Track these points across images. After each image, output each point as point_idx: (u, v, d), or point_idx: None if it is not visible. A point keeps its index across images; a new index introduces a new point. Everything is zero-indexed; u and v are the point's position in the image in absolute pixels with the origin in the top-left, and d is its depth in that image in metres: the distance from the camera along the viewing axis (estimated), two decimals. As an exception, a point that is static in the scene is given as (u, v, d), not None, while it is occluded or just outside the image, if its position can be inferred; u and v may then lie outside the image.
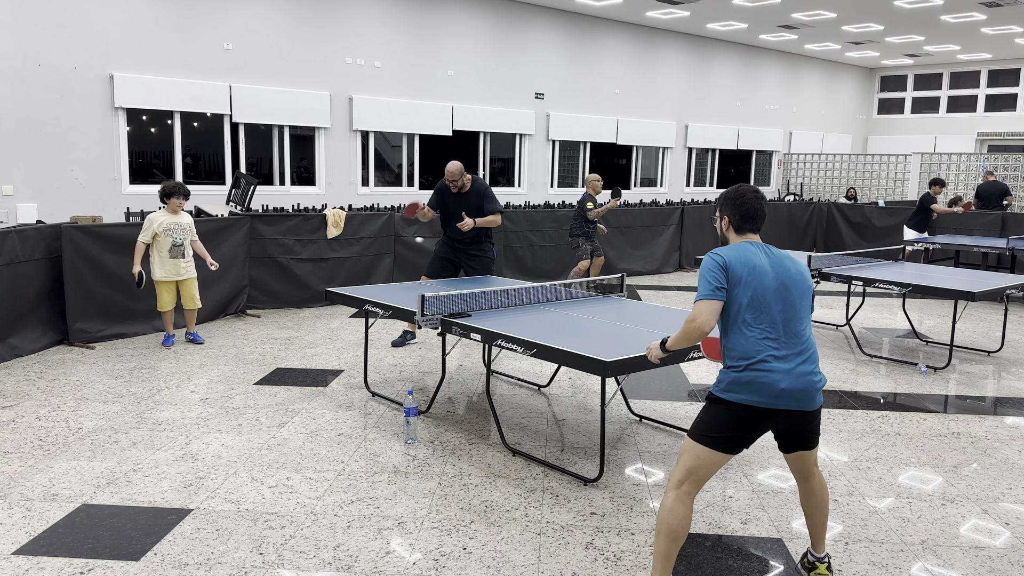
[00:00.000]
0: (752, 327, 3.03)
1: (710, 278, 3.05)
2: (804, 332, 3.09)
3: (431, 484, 4.27)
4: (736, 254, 3.10)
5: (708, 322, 3.02)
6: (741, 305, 3.04)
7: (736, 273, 3.06)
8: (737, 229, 3.25)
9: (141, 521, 3.79)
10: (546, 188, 15.64)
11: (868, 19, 15.73)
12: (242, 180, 9.44)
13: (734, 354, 3.05)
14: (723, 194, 3.31)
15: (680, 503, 3.04)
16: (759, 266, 3.08)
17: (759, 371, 2.98)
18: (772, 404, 2.98)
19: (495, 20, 14.33)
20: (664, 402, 5.86)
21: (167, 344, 7.18)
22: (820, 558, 3.34)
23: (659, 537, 3.05)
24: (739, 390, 3.00)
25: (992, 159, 16.68)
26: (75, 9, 10.06)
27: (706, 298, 3.04)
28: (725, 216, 3.27)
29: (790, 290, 3.10)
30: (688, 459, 3.06)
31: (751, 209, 3.22)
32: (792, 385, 2.98)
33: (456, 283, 6.30)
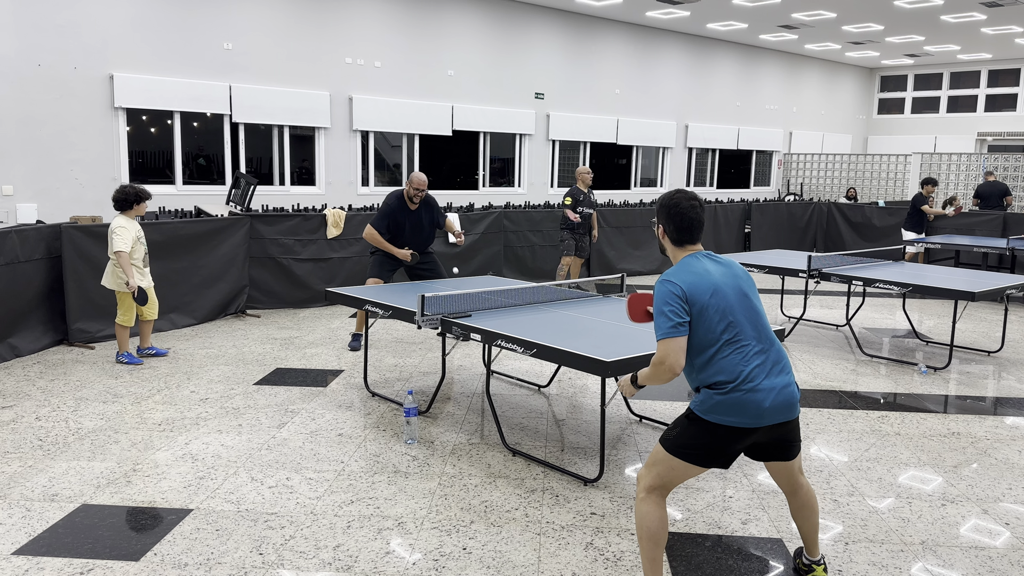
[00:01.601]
0: (731, 346, 2.91)
1: (670, 312, 2.87)
2: (772, 337, 3.02)
3: (431, 484, 4.27)
4: (691, 278, 2.93)
5: (678, 362, 2.87)
6: (713, 330, 2.90)
7: (698, 300, 2.90)
8: (675, 241, 3.09)
9: (141, 521, 3.79)
10: (546, 188, 15.64)
11: (868, 19, 15.73)
12: (242, 180, 9.44)
13: (719, 377, 2.91)
14: (659, 201, 3.13)
15: (657, 507, 3.01)
16: (717, 284, 2.94)
17: (745, 391, 2.88)
18: (754, 423, 2.91)
19: (495, 20, 14.33)
20: (664, 402, 5.86)
21: (136, 363, 6.58)
22: (816, 560, 3.32)
23: (642, 543, 3.03)
24: (723, 411, 2.89)
25: (992, 159, 16.68)
26: (75, 9, 10.06)
27: (669, 336, 2.86)
28: (661, 224, 3.11)
29: (748, 296, 3.00)
30: (663, 469, 3.00)
31: (686, 220, 3.04)
32: (775, 401, 2.92)
33: (456, 283, 6.30)
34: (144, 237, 6.67)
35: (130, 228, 6.46)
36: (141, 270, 6.59)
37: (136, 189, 6.60)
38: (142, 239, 6.61)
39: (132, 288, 6.37)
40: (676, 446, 2.99)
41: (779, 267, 7.86)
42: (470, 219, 10.35)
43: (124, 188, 6.57)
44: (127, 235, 6.39)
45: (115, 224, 6.43)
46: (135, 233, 6.51)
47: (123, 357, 6.59)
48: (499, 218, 10.67)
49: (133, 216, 6.61)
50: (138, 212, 6.63)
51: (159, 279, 7.73)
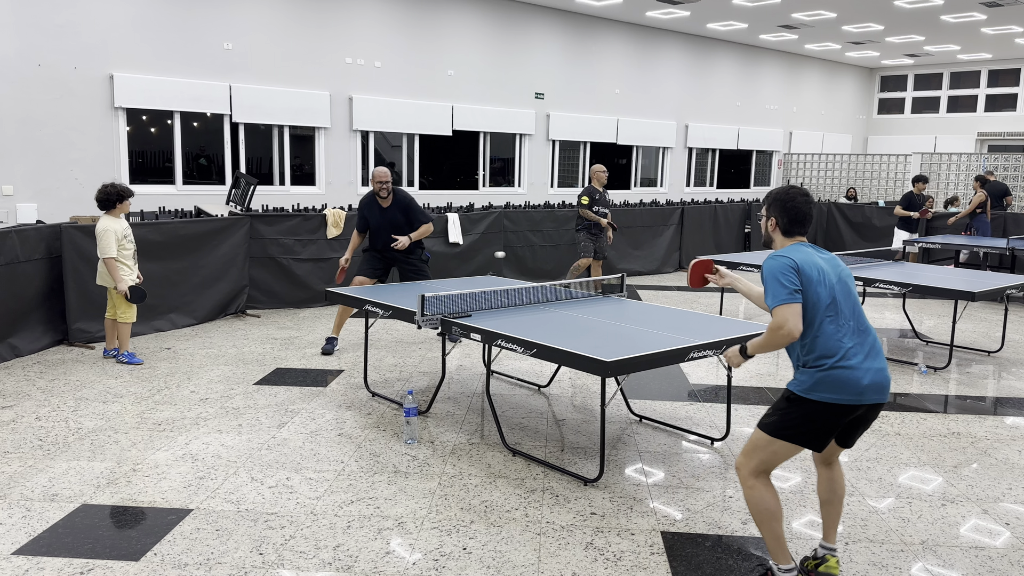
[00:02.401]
0: (830, 325, 3.05)
1: (785, 281, 3.03)
2: (868, 324, 3.16)
3: (431, 484, 4.27)
4: (801, 255, 3.10)
5: (796, 327, 3.00)
6: (817, 305, 3.05)
7: (807, 274, 3.06)
8: (785, 232, 3.25)
9: (141, 521, 3.79)
10: (546, 188, 15.64)
11: (868, 19, 15.73)
12: (242, 180, 9.44)
13: (815, 353, 3.05)
14: (771, 194, 3.29)
15: (767, 488, 3.13)
16: (822, 266, 3.11)
17: (843, 368, 3.00)
18: (857, 400, 3.02)
19: (495, 20, 14.33)
20: (664, 402, 5.86)
21: (136, 363, 6.58)
22: (831, 549, 3.36)
23: (764, 525, 3.13)
24: (824, 389, 3.01)
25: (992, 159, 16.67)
26: (75, 9, 10.06)
27: (787, 302, 3.01)
28: (772, 217, 3.26)
29: (848, 286, 3.16)
30: (765, 455, 3.11)
31: (800, 213, 3.21)
32: (873, 380, 3.04)
33: (456, 283, 6.30)
34: (132, 234, 6.65)
35: (115, 228, 6.43)
36: (131, 267, 6.58)
37: (118, 188, 6.55)
38: (129, 236, 6.58)
39: (122, 291, 6.39)
40: (779, 428, 3.09)
41: (779, 267, 7.85)
42: (470, 219, 10.35)
43: (106, 187, 6.52)
44: (111, 238, 6.37)
45: (100, 227, 6.41)
46: (121, 232, 6.48)
47: (124, 356, 6.58)
48: (499, 218, 10.68)
49: (117, 215, 6.57)
50: (122, 210, 6.59)
51: (159, 279, 7.74)
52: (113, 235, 6.39)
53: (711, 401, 5.91)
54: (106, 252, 6.37)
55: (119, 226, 6.49)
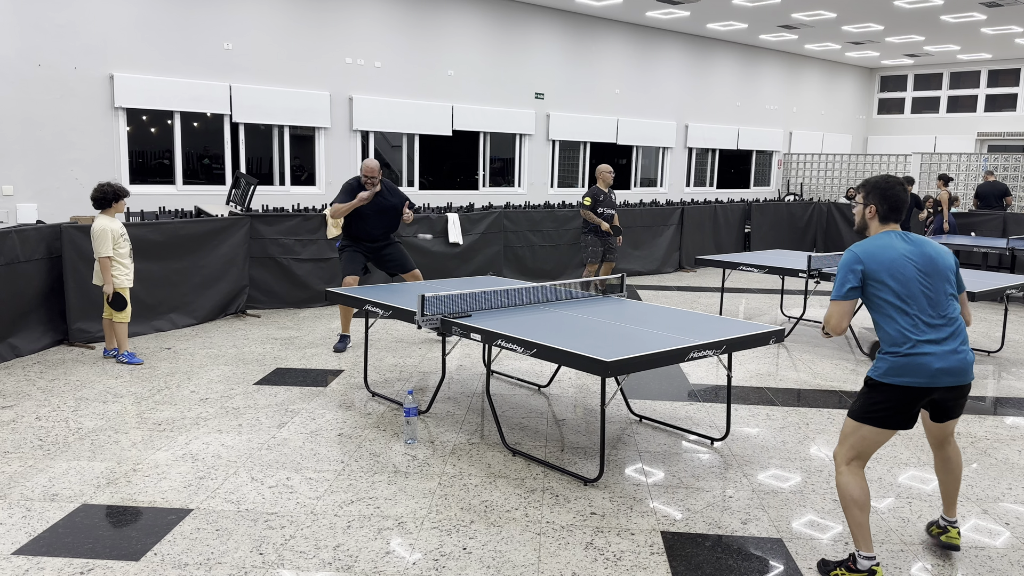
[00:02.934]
0: (901, 315, 3.21)
1: (843, 279, 3.28)
2: (950, 312, 3.28)
3: (431, 484, 4.27)
4: (873, 248, 3.27)
5: (839, 324, 3.29)
6: (886, 297, 3.23)
7: (872, 268, 3.24)
8: (882, 219, 3.40)
9: (141, 521, 3.79)
10: (546, 188, 15.64)
11: (868, 19, 15.73)
12: (242, 180, 9.44)
13: (888, 341, 3.24)
14: (870, 182, 3.43)
15: (856, 476, 3.28)
16: (897, 257, 3.25)
17: (913, 355, 3.18)
18: (929, 383, 3.19)
19: (495, 20, 14.33)
20: (664, 402, 5.86)
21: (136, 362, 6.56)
22: (952, 522, 3.58)
23: (850, 512, 3.28)
24: (897, 374, 3.20)
25: (992, 159, 16.67)
26: (75, 9, 10.06)
27: (838, 299, 3.30)
28: (872, 204, 3.40)
29: (931, 275, 3.27)
30: (855, 440, 3.29)
31: (899, 201, 3.37)
32: (945, 364, 3.19)
33: (456, 283, 6.30)
34: (127, 234, 6.64)
35: (112, 228, 6.43)
36: (128, 266, 6.58)
37: (114, 187, 6.53)
38: (125, 236, 6.58)
39: (107, 293, 6.40)
40: (863, 413, 3.28)
41: (779, 267, 7.86)
42: (470, 219, 10.35)
43: (102, 186, 6.51)
44: (107, 238, 6.38)
45: (96, 226, 6.41)
46: (118, 231, 6.49)
47: (124, 357, 6.57)
48: (499, 218, 10.68)
49: (113, 214, 6.57)
50: (118, 210, 6.58)
51: (159, 279, 7.74)
52: (109, 234, 6.40)
53: (711, 401, 5.91)
54: (101, 252, 6.38)
55: (115, 226, 6.49)
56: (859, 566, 3.29)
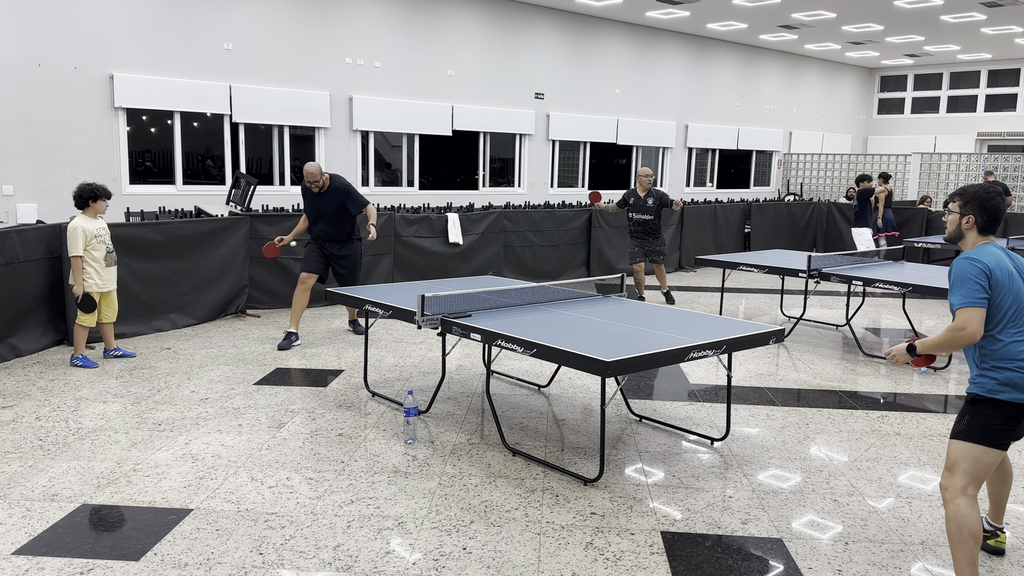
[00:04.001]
0: (1013, 330, 3.16)
1: (974, 286, 3.15)
2: None
3: (431, 484, 4.27)
4: (994, 259, 3.20)
5: (978, 331, 3.13)
6: (1005, 310, 3.16)
7: (998, 279, 3.16)
8: (982, 230, 3.33)
9: (141, 521, 3.79)
10: (546, 188, 15.64)
11: (868, 19, 15.73)
12: (242, 180, 9.44)
13: (998, 355, 3.15)
14: (968, 192, 3.34)
15: (972, 507, 3.13)
16: (1013, 272, 3.22)
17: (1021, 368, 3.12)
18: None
19: (495, 20, 14.33)
20: (664, 402, 5.86)
21: (91, 365, 6.42)
22: (1000, 528, 3.58)
23: (963, 546, 3.11)
24: (1008, 390, 3.12)
25: (992, 159, 16.67)
26: (75, 9, 10.06)
27: (974, 305, 3.13)
28: (971, 215, 3.32)
29: None
30: (968, 464, 3.14)
31: (999, 212, 3.32)
32: None
33: (456, 283, 6.30)
34: (108, 236, 6.57)
35: (86, 228, 6.34)
36: (105, 269, 6.49)
37: (92, 187, 6.45)
38: (102, 237, 6.48)
39: (76, 295, 6.32)
40: (976, 434, 3.16)
41: (779, 267, 7.86)
42: (470, 219, 10.35)
43: (81, 185, 6.46)
44: (79, 237, 6.29)
45: (71, 225, 6.35)
46: (93, 232, 6.39)
47: (78, 360, 6.43)
48: (499, 218, 10.68)
49: (92, 215, 6.48)
50: (96, 210, 6.48)
51: (159, 279, 7.74)
52: (81, 234, 6.31)
53: (711, 401, 5.91)
54: (72, 251, 6.32)
55: (91, 226, 6.40)
56: None
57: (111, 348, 6.71)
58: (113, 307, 6.66)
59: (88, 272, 6.40)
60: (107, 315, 6.62)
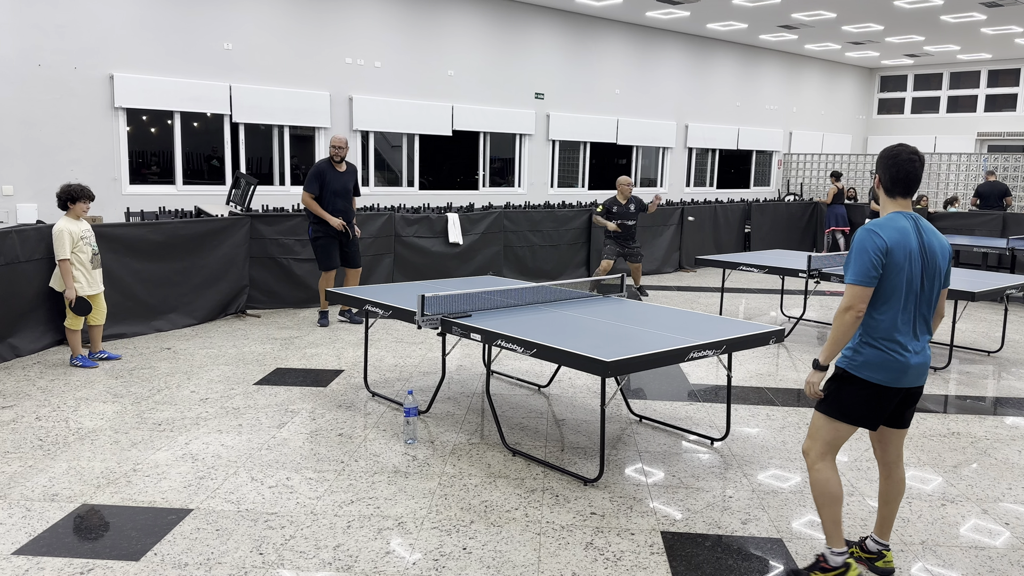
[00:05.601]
0: (898, 311, 3.07)
1: (868, 263, 3.02)
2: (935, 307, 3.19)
3: (431, 484, 4.27)
4: (896, 235, 3.05)
5: (863, 310, 3.05)
6: (894, 289, 3.06)
7: (896, 260, 3.04)
8: (888, 191, 3.17)
9: (141, 521, 3.79)
10: (546, 188, 15.64)
11: (868, 19, 15.73)
12: (242, 180, 9.44)
13: (875, 333, 3.09)
14: (880, 152, 3.21)
15: (833, 472, 3.21)
16: (914, 251, 3.07)
17: (895, 353, 3.08)
18: (896, 383, 3.11)
19: (495, 20, 14.33)
20: (664, 402, 5.86)
21: (90, 366, 6.42)
22: (886, 546, 3.44)
23: (824, 508, 3.21)
24: (873, 369, 3.09)
25: (992, 159, 16.67)
26: (75, 9, 10.06)
27: (862, 284, 3.03)
28: (878, 174, 3.21)
29: (933, 275, 3.14)
30: (826, 433, 3.20)
31: (902, 171, 3.11)
32: (916, 363, 3.12)
33: (456, 283, 6.30)
34: (93, 238, 6.50)
35: (71, 230, 6.27)
36: (90, 272, 6.44)
37: (72, 188, 6.35)
38: (88, 239, 6.41)
39: (68, 299, 6.27)
40: (835, 409, 3.17)
41: (779, 267, 7.86)
42: (470, 219, 10.35)
43: (63, 186, 6.36)
44: (66, 240, 6.22)
45: (56, 228, 6.26)
46: (79, 234, 6.32)
47: (77, 360, 6.43)
48: (499, 218, 10.68)
49: (75, 216, 6.39)
50: (77, 212, 6.39)
51: (159, 279, 7.74)
52: (68, 237, 6.24)
53: (711, 401, 5.91)
54: (59, 254, 6.24)
55: (76, 228, 6.33)
56: (832, 563, 3.23)
57: (97, 351, 6.63)
58: (102, 310, 6.60)
59: (75, 275, 6.33)
60: (95, 317, 6.56)
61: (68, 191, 6.37)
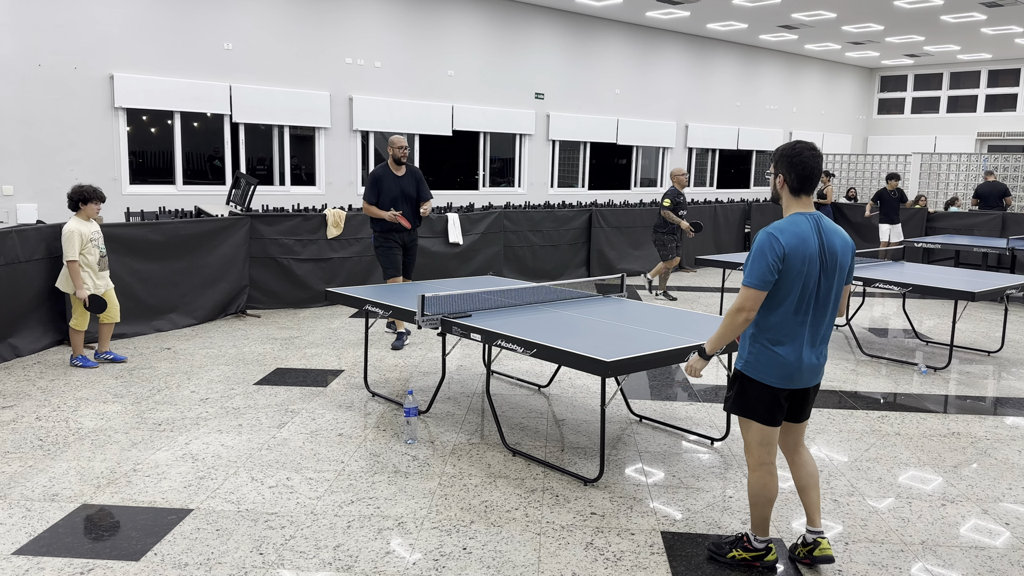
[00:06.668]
0: (791, 311, 3.09)
1: (765, 267, 3.02)
2: (830, 313, 3.19)
3: (431, 484, 4.27)
4: (795, 240, 3.04)
5: (755, 310, 3.07)
6: (788, 293, 3.07)
7: (792, 265, 3.04)
8: (793, 191, 3.17)
9: (141, 521, 3.79)
10: (546, 188, 15.64)
11: (868, 19, 15.73)
12: (242, 180, 9.44)
13: (768, 332, 3.11)
14: (779, 150, 3.20)
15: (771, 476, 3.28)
16: (812, 254, 3.07)
17: (785, 354, 3.10)
18: (786, 383, 3.15)
19: (495, 20, 14.33)
20: (664, 402, 5.86)
21: (91, 366, 6.42)
22: (820, 532, 3.41)
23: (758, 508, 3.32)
24: (764, 371, 3.13)
25: (992, 159, 16.67)
26: (75, 9, 10.06)
27: (756, 287, 3.04)
28: (780, 174, 3.19)
29: (832, 276, 3.14)
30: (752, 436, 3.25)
31: (807, 169, 3.12)
32: (807, 363, 3.15)
33: (456, 283, 6.30)
34: (102, 239, 6.50)
35: (82, 231, 6.27)
36: (97, 274, 6.42)
37: (84, 189, 6.35)
38: (96, 241, 6.40)
39: (81, 298, 6.27)
40: (741, 407, 3.23)
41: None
42: (470, 219, 10.35)
43: (74, 187, 6.36)
44: (76, 241, 6.21)
45: (66, 228, 6.25)
46: (88, 235, 6.32)
47: (77, 360, 6.42)
48: (499, 218, 10.68)
49: (85, 217, 6.39)
50: (89, 213, 6.39)
51: (159, 279, 7.74)
52: (78, 237, 6.23)
53: (711, 401, 5.91)
54: (68, 255, 6.23)
55: (86, 228, 6.32)
56: (755, 545, 3.35)
57: (104, 350, 6.63)
58: (115, 308, 6.61)
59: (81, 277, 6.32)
60: (110, 315, 6.56)
61: (80, 192, 6.36)
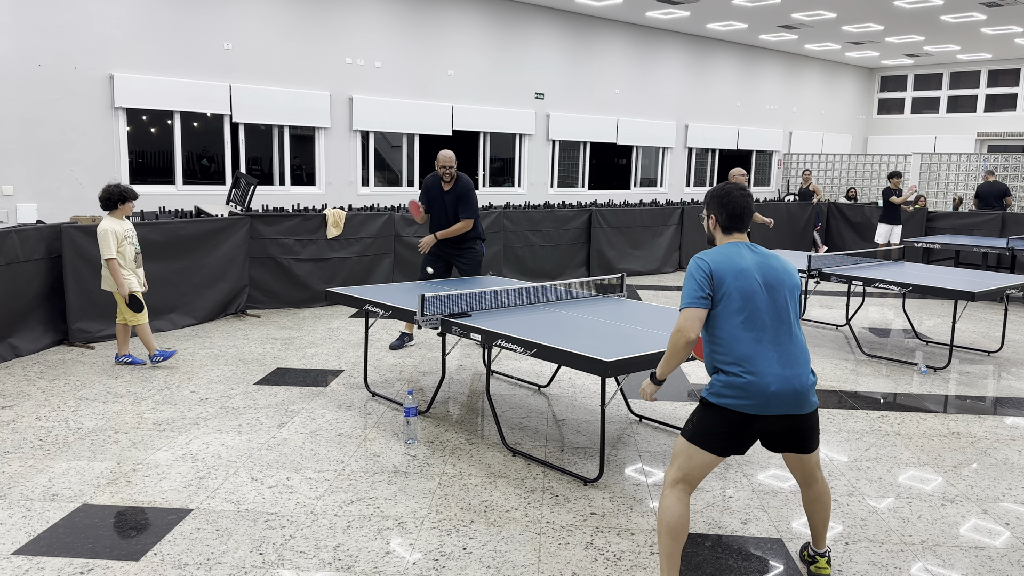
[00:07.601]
0: (742, 331, 3.02)
1: (694, 286, 3.06)
2: (794, 331, 3.08)
3: (431, 484, 4.27)
4: (721, 258, 3.09)
5: (693, 329, 3.03)
6: (730, 310, 3.03)
7: (720, 278, 3.05)
8: (724, 229, 3.25)
9: (141, 521, 3.79)
10: (546, 188, 15.65)
11: (868, 19, 15.73)
12: (242, 180, 9.44)
13: (726, 359, 3.03)
14: (709, 192, 3.29)
15: (679, 501, 3.09)
16: (745, 268, 3.07)
17: (750, 375, 2.98)
18: (761, 410, 2.98)
19: (495, 20, 14.33)
20: (664, 402, 5.86)
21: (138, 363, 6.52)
22: (820, 552, 3.39)
23: (661, 538, 3.10)
24: (731, 395, 3.00)
25: (992, 159, 16.67)
26: (75, 9, 10.06)
27: (691, 306, 3.04)
28: (712, 215, 3.27)
29: (777, 290, 3.09)
30: (683, 460, 3.10)
31: (738, 208, 3.21)
32: (781, 388, 2.98)
33: (456, 283, 6.30)
34: (135, 237, 6.54)
35: (116, 230, 6.31)
36: (134, 271, 6.46)
37: (121, 188, 6.41)
38: (131, 239, 6.45)
39: (124, 295, 6.30)
40: (693, 434, 3.08)
41: (779, 267, 7.84)
42: (470, 219, 10.34)
43: (109, 187, 6.40)
44: (111, 239, 6.25)
45: (100, 228, 6.28)
46: (123, 233, 6.36)
47: (125, 358, 6.51)
48: (499, 218, 10.68)
49: (120, 216, 6.44)
50: (124, 212, 6.45)
51: (159, 279, 7.74)
52: (113, 236, 6.28)
53: (711, 401, 5.91)
54: (106, 253, 6.27)
55: (120, 227, 6.38)
56: None
57: (123, 354, 6.59)
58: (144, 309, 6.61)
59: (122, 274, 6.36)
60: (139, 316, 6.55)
61: (120, 192, 6.40)
